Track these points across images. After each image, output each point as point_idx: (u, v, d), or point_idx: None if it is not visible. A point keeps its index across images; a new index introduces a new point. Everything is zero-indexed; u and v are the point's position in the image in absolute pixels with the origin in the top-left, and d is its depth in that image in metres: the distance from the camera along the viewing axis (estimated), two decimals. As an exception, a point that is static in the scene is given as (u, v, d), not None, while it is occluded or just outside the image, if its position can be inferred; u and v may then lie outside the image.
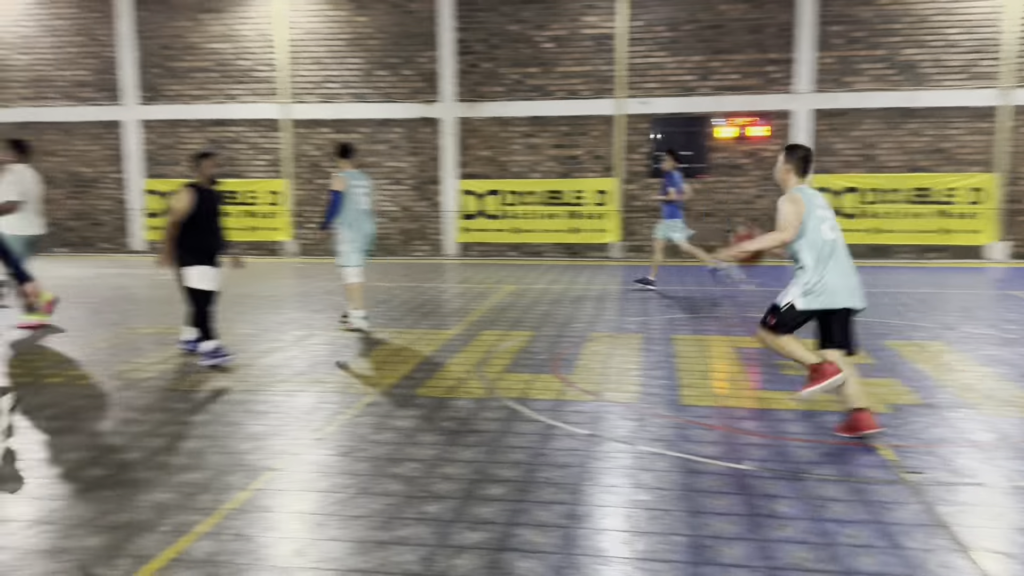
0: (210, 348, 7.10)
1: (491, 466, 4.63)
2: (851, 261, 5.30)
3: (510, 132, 16.63)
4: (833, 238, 5.27)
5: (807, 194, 5.31)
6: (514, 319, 9.47)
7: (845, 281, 5.20)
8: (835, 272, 5.19)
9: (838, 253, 5.24)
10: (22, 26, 17.70)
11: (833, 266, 5.21)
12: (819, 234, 5.21)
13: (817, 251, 5.19)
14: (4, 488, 4.36)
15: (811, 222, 5.22)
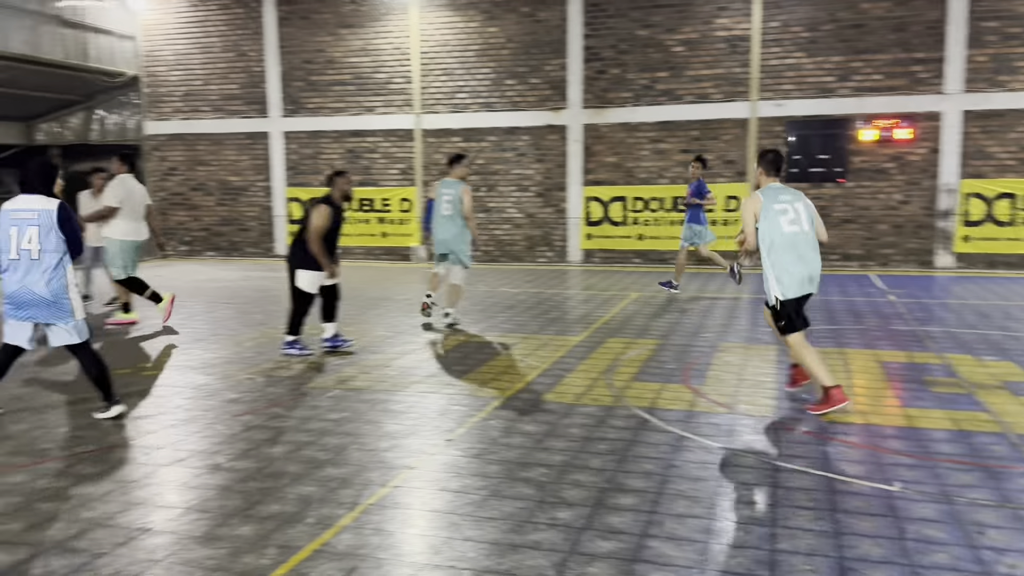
0: (291, 340, 7.95)
1: (622, 475, 4.60)
2: (812, 253, 5.85)
3: (637, 137, 16.48)
4: (792, 231, 5.83)
5: (769, 192, 5.98)
6: (640, 327, 9.36)
7: (800, 270, 5.80)
8: (790, 262, 5.81)
9: (797, 245, 5.82)
10: (177, 44, 19.04)
11: (789, 257, 5.81)
12: (776, 227, 5.84)
13: (769, 243, 5.83)
14: (164, 477, 4.69)
15: (768, 216, 5.87)
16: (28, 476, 4.64)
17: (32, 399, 6.38)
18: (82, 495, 4.34)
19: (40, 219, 5.51)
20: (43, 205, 5.56)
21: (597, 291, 12.70)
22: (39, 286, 5.50)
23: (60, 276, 5.56)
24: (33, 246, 5.48)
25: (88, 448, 5.14)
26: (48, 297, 5.54)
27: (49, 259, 5.52)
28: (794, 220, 5.88)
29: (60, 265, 5.56)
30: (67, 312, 5.61)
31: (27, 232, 5.49)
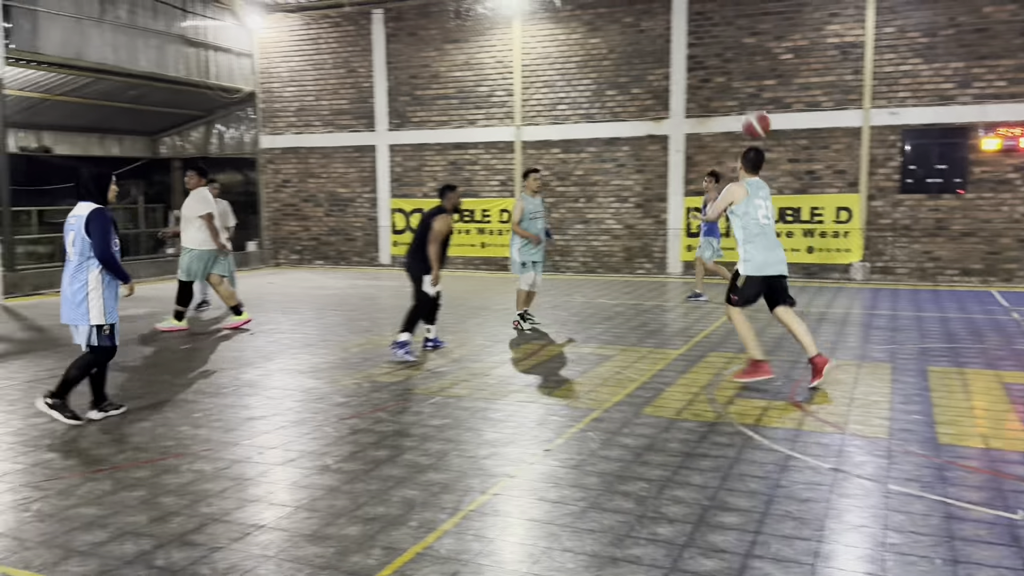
0: (403, 340, 8.21)
1: (725, 493, 4.50)
2: (777, 241, 6.98)
3: (742, 147, 16.08)
4: (766, 223, 6.92)
5: (752, 185, 6.98)
6: (745, 341, 9.13)
7: (770, 255, 6.86)
8: (762, 248, 6.86)
9: (767, 234, 6.90)
10: (291, 62, 19.88)
11: (761, 243, 6.87)
12: (755, 218, 6.88)
13: (747, 230, 6.89)
14: (276, 476, 4.89)
15: (750, 208, 6.88)
16: (152, 471, 4.93)
17: (154, 397, 6.77)
18: (200, 491, 4.58)
19: (77, 224, 5.88)
20: (82, 212, 5.91)
21: (698, 304, 12.47)
22: (67, 287, 5.93)
23: (82, 278, 5.87)
24: (71, 249, 5.92)
25: (205, 446, 5.42)
26: (70, 297, 5.91)
27: (77, 261, 5.89)
28: (767, 215, 6.97)
29: (83, 268, 5.87)
30: (84, 314, 5.89)
31: (70, 236, 5.93)
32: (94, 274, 5.88)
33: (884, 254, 15.31)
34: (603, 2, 16.81)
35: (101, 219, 5.87)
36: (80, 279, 5.87)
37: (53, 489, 4.62)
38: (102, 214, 5.91)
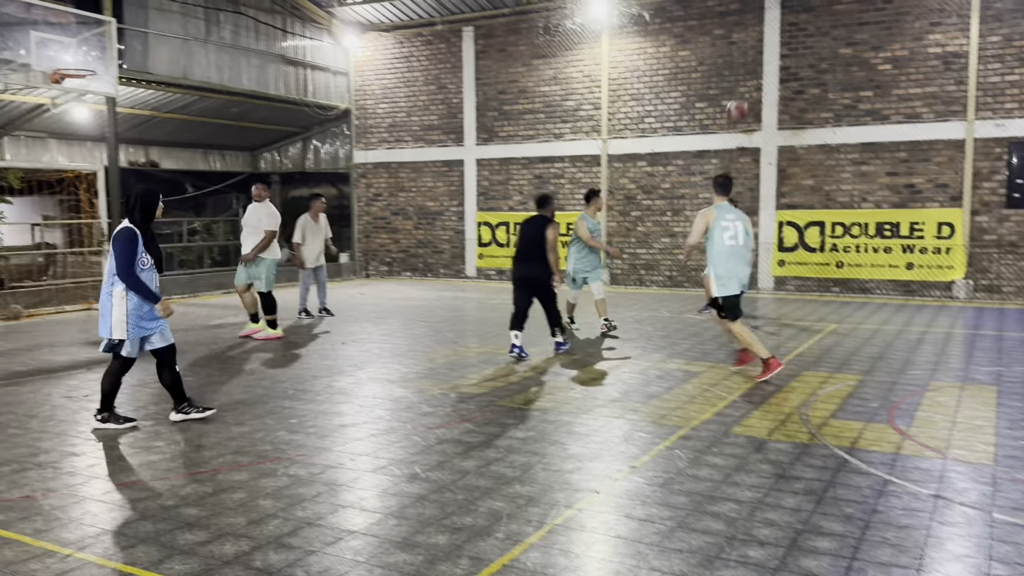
0: (561, 339, 9.51)
1: (819, 517, 4.38)
2: (744, 261, 7.67)
3: (837, 159, 15.68)
4: (732, 244, 7.61)
5: (720, 209, 7.69)
6: (840, 361, 8.86)
7: (736, 273, 7.63)
8: (729, 267, 7.60)
9: (736, 254, 7.62)
10: (384, 79, 20.41)
11: (729, 263, 7.59)
12: (722, 240, 7.58)
13: (716, 251, 7.61)
14: (367, 483, 5.01)
15: (716, 230, 7.61)
16: (250, 475, 5.13)
17: (253, 403, 7.04)
18: (296, 495, 4.74)
19: (112, 242, 6.11)
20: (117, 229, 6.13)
21: (790, 321, 12.16)
22: (100, 300, 6.17)
23: (107, 292, 6.08)
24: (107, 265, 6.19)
25: (300, 451, 5.61)
26: (100, 309, 6.17)
27: (108, 276, 6.12)
28: (733, 236, 7.64)
29: (109, 282, 6.08)
30: (107, 326, 6.08)
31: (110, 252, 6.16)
32: (118, 289, 6.03)
33: (989, 271, 14.59)
34: (693, 15, 16.65)
35: (123, 239, 5.98)
36: (107, 294, 6.09)
37: (158, 489, 4.87)
38: (127, 234, 6.00)
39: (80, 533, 4.17)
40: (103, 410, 6.26)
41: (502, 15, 18.54)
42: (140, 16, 16.13)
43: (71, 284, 14.99)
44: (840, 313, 12.99)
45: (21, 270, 17.37)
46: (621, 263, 17.76)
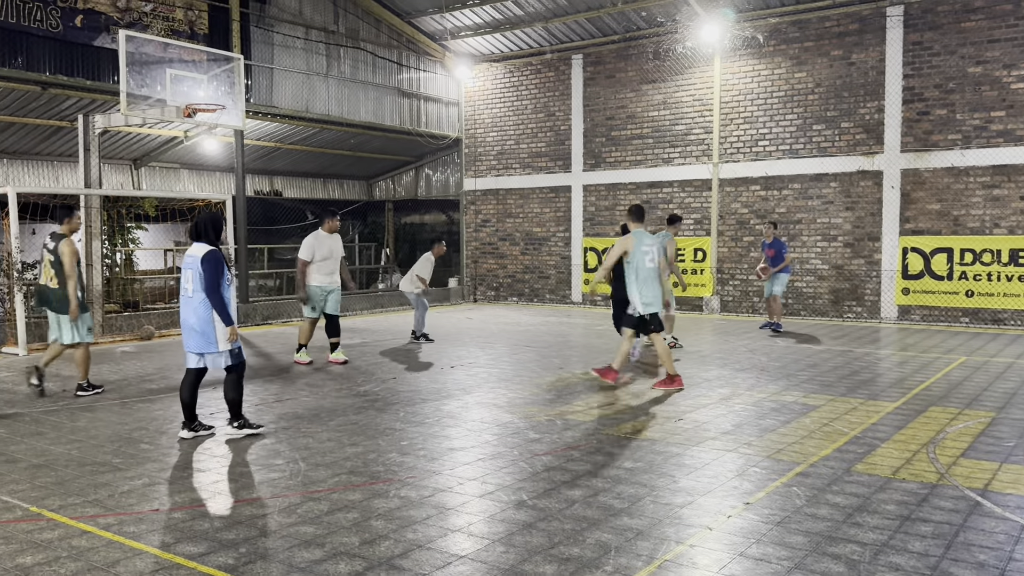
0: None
1: (949, 563, 4.11)
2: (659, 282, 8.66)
3: (966, 183, 14.85)
4: (651, 267, 8.52)
5: (637, 235, 8.56)
6: (970, 396, 8.33)
7: (653, 296, 8.53)
8: (648, 289, 8.50)
9: (652, 277, 8.53)
10: (494, 108, 20.79)
11: (648, 285, 8.49)
12: (642, 264, 8.47)
13: (636, 274, 8.48)
14: (475, 508, 5.05)
15: (637, 256, 8.47)
16: (363, 495, 5.26)
17: (367, 425, 7.23)
18: (407, 517, 4.82)
19: (194, 264, 6.54)
20: (198, 252, 6.56)
21: (916, 352, 11.54)
22: (192, 319, 6.58)
23: (206, 310, 6.50)
24: (189, 286, 6.58)
25: (410, 474, 5.71)
26: (198, 328, 6.56)
27: (197, 298, 6.52)
28: (652, 259, 8.55)
29: (206, 302, 6.50)
30: (212, 342, 6.55)
31: (188, 274, 6.60)
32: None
33: None
34: (810, 36, 16.22)
35: (214, 260, 6.52)
36: (205, 312, 6.52)
37: (277, 507, 5.05)
38: (216, 255, 6.55)
39: (204, 547, 4.38)
40: (236, 419, 6.82)
41: (611, 42, 18.59)
42: (266, 53, 17.07)
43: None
44: (970, 345, 12.24)
45: (154, 293, 18.55)
46: (732, 290, 17.34)
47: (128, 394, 8.74)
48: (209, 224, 6.66)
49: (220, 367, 6.74)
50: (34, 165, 16.89)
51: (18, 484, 5.50)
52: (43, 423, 7.34)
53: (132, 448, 6.46)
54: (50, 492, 5.32)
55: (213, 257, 6.54)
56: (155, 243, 21.40)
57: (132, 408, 8.02)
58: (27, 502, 5.13)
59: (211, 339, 6.57)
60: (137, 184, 18.64)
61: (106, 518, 4.83)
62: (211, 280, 6.50)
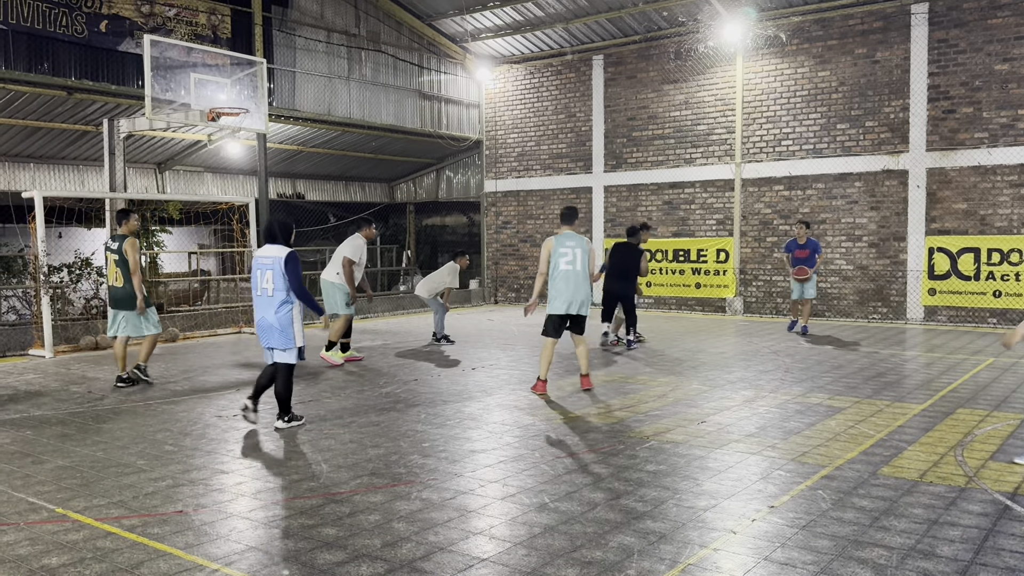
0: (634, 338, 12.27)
1: (978, 568, 4.03)
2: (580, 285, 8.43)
3: (994, 182, 14.63)
4: (567, 269, 8.37)
5: (559, 238, 8.49)
6: (999, 398, 8.20)
7: (566, 296, 8.39)
8: (561, 290, 8.40)
9: (568, 278, 8.38)
10: (515, 110, 20.79)
11: (561, 286, 8.40)
12: (557, 265, 8.40)
13: (554, 276, 8.44)
14: (497, 510, 5.03)
15: (555, 258, 8.42)
16: (385, 497, 5.26)
17: (389, 426, 7.24)
18: (428, 519, 4.82)
19: (274, 265, 6.94)
20: (277, 253, 6.97)
21: (943, 354, 11.38)
22: (270, 316, 6.96)
23: (287, 310, 6.94)
24: (269, 285, 6.96)
25: (432, 476, 5.71)
26: (277, 326, 6.95)
27: (280, 297, 6.92)
28: (570, 261, 8.38)
29: (287, 301, 6.94)
30: (290, 339, 6.97)
31: (266, 274, 6.98)
32: (297, 306, 7.01)
33: None
34: (834, 35, 16.07)
35: (296, 261, 7.00)
36: (286, 311, 6.94)
37: (299, 508, 5.07)
38: (296, 257, 7.01)
39: (227, 549, 4.40)
40: (284, 413, 7.17)
41: (632, 42, 18.53)
42: (288, 56, 17.18)
43: (224, 309, 15.99)
44: (998, 346, 12.04)
45: (179, 295, 18.73)
46: (755, 291, 17.20)
47: (152, 396, 8.82)
48: (282, 227, 7.13)
49: (286, 361, 7.05)
50: (60, 169, 17.11)
51: (44, 485, 5.57)
52: (68, 424, 7.43)
53: (156, 450, 6.51)
54: (75, 493, 5.38)
55: (295, 258, 7.02)
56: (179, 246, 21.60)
57: (156, 410, 8.09)
58: (53, 503, 5.18)
59: (289, 335, 6.96)
60: (161, 187, 18.83)
61: (130, 519, 4.86)
62: (297, 279, 6.96)
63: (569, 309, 8.43)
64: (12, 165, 16.43)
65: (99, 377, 10.02)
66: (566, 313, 8.45)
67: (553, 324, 8.56)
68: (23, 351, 12.11)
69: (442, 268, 13.11)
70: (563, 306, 8.42)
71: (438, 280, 12.94)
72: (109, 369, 10.62)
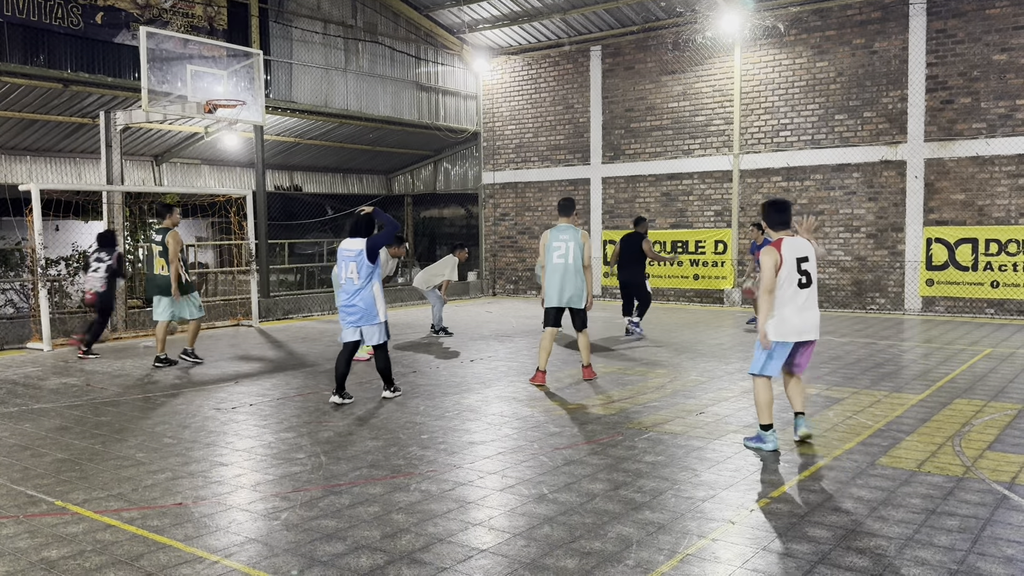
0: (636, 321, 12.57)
1: (975, 558, 4.05)
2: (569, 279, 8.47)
3: (991, 172, 14.63)
4: (560, 262, 8.47)
5: (553, 231, 8.60)
6: (996, 388, 8.22)
7: (559, 290, 8.52)
8: (554, 283, 8.53)
9: (559, 272, 8.48)
10: (512, 101, 20.74)
11: (554, 280, 8.51)
12: (550, 259, 8.52)
13: (548, 269, 8.56)
14: (496, 501, 5.04)
15: (549, 250, 8.56)
16: (384, 489, 5.27)
17: (387, 418, 7.25)
18: (427, 511, 4.82)
19: (357, 256, 7.60)
20: (358, 245, 7.63)
21: (940, 344, 11.40)
22: (355, 302, 7.64)
23: (369, 294, 7.63)
24: (353, 275, 7.61)
25: (431, 467, 5.71)
26: (362, 306, 7.63)
27: (362, 284, 7.61)
28: (562, 255, 8.45)
29: (368, 287, 7.62)
30: (375, 315, 7.67)
31: (350, 266, 7.62)
32: (377, 286, 7.71)
33: None
34: (832, 25, 16.04)
35: (376, 241, 7.69)
36: (367, 294, 7.63)
37: (299, 500, 5.07)
38: (372, 242, 7.67)
39: (227, 541, 4.40)
40: (389, 384, 8.06)
41: (630, 33, 18.48)
42: (285, 48, 17.12)
43: (222, 301, 15.97)
44: (995, 336, 12.07)
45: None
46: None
47: (151, 388, 8.82)
48: (365, 222, 7.76)
49: (374, 339, 7.71)
50: (57, 162, 17.07)
51: (43, 478, 5.57)
52: (67, 418, 7.42)
53: (155, 442, 6.51)
54: (75, 486, 5.38)
55: (372, 243, 7.67)
56: (177, 239, 21.53)
57: (155, 403, 8.09)
58: (52, 496, 5.18)
59: (374, 312, 7.66)
60: (159, 180, 18.79)
61: (130, 512, 4.87)
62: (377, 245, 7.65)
63: (561, 302, 8.60)
64: (8, 158, 16.38)
65: (97, 370, 10.01)
66: (559, 305, 8.63)
67: (550, 315, 8.72)
68: (21, 344, 12.10)
69: (441, 261, 13.10)
70: (555, 298, 8.60)
71: (436, 272, 12.94)
72: (107, 362, 10.62)
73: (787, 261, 5.88)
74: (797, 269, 5.90)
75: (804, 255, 5.97)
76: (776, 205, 6.12)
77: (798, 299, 5.90)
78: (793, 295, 5.89)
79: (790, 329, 5.90)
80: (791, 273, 5.88)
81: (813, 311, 6.00)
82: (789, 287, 5.88)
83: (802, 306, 5.92)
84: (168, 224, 10.30)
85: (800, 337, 5.96)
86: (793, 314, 5.89)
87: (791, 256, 5.90)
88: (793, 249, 5.93)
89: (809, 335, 6.00)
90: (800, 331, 5.94)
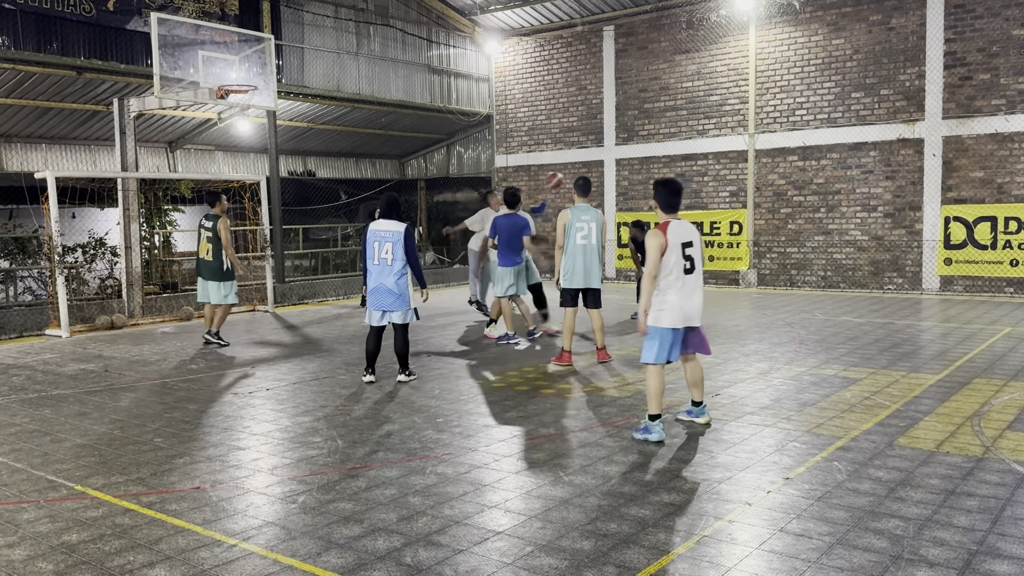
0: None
1: (995, 538, 4.02)
2: (592, 259, 8.52)
3: (1011, 149, 14.42)
4: (583, 243, 8.47)
5: (575, 211, 8.50)
6: (1016, 367, 8.13)
7: (584, 271, 8.50)
8: (579, 264, 8.49)
9: (586, 253, 8.50)
10: (525, 84, 20.62)
11: (580, 261, 8.48)
12: (575, 239, 8.44)
13: (569, 248, 8.49)
14: (512, 484, 5.04)
15: (571, 230, 8.45)
16: (400, 472, 5.29)
17: (403, 401, 7.27)
18: (443, 493, 4.84)
19: (393, 237, 7.68)
20: (396, 227, 7.72)
21: (959, 324, 11.29)
22: (390, 283, 7.66)
23: (404, 277, 7.70)
24: (388, 256, 7.65)
25: (447, 450, 5.73)
26: (395, 291, 7.68)
27: (397, 265, 7.64)
28: (586, 236, 8.47)
29: (404, 270, 7.69)
30: (406, 302, 7.75)
31: (385, 246, 7.68)
32: (410, 273, 7.77)
33: None
34: (848, 1, 15.81)
35: (413, 235, 7.83)
36: (403, 277, 7.71)
37: (316, 484, 5.10)
38: (412, 230, 7.79)
39: (244, 524, 4.43)
40: (405, 368, 8.09)
41: (643, 12, 18.30)
42: (296, 32, 17.08)
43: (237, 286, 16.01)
44: (1015, 316, 11.94)
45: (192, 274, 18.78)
46: (769, 263, 17.09)
47: (168, 374, 8.88)
48: (396, 204, 7.92)
49: (403, 322, 7.80)
50: (71, 150, 17.15)
51: (63, 463, 5.63)
52: (86, 403, 7.49)
53: (173, 427, 6.56)
54: (94, 471, 5.43)
55: (412, 231, 7.78)
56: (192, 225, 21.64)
57: (173, 388, 8.15)
58: (72, 481, 5.24)
59: (406, 299, 7.73)
60: (173, 166, 18.85)
61: (149, 496, 4.91)
62: (414, 250, 7.75)
63: (587, 282, 8.61)
64: (24, 146, 16.48)
65: (115, 356, 10.10)
66: (585, 286, 8.65)
67: (571, 295, 8.71)
68: (40, 331, 12.22)
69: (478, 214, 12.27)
70: (580, 280, 8.59)
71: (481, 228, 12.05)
72: (125, 348, 10.70)
73: (672, 246, 5.73)
74: (682, 255, 5.78)
75: (689, 240, 5.83)
76: (670, 185, 5.92)
77: (684, 285, 5.78)
78: (678, 280, 5.76)
79: (678, 316, 5.79)
80: (677, 259, 5.74)
81: (698, 296, 5.89)
82: (675, 272, 5.75)
83: (688, 292, 5.80)
84: (217, 211, 10.69)
85: (686, 323, 5.85)
86: (680, 300, 5.77)
87: (676, 241, 5.76)
88: (679, 234, 5.80)
89: (694, 321, 5.89)
90: (687, 317, 5.83)
